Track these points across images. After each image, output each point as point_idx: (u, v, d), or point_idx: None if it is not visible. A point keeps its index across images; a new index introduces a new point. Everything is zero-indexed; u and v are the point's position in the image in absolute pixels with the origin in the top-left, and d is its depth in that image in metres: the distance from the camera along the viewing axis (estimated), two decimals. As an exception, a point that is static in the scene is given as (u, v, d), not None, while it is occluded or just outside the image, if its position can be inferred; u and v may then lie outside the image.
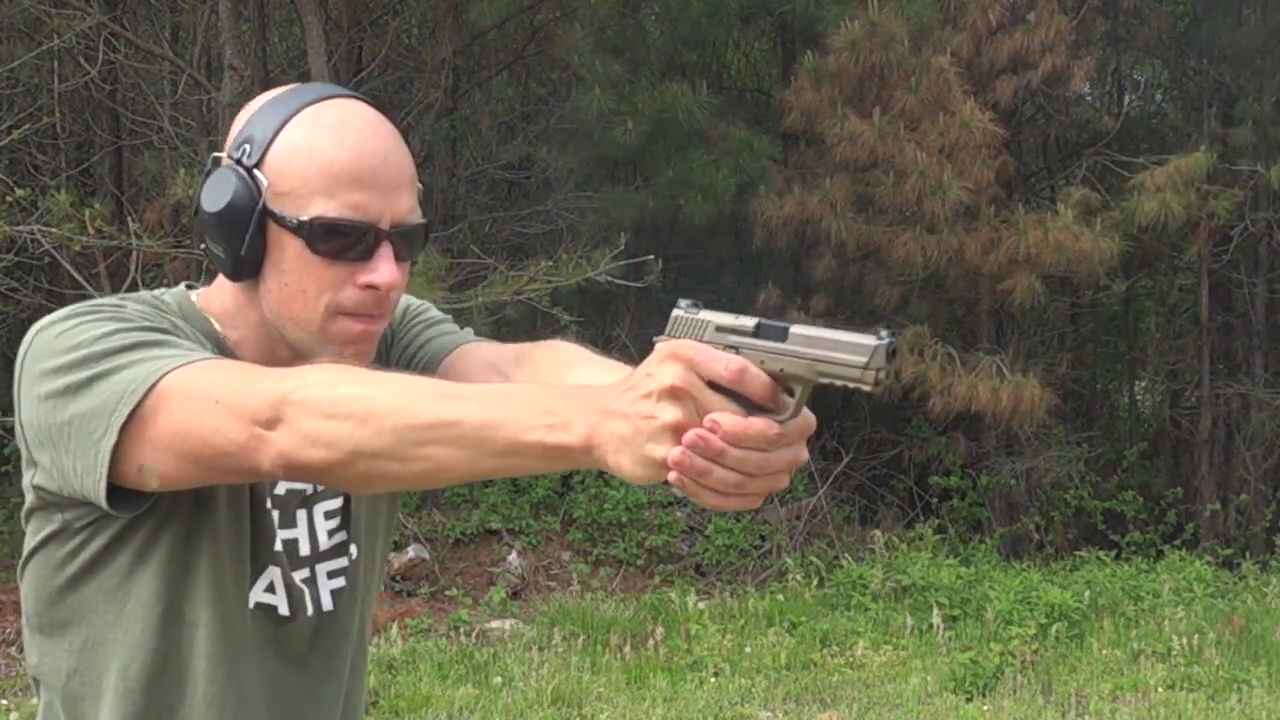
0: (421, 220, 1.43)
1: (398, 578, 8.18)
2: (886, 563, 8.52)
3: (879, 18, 8.77)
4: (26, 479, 1.38)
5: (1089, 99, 12.24)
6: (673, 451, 1.06)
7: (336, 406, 1.20)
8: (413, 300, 1.67)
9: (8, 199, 7.09)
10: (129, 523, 1.36)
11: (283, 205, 1.36)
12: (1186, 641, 7.08)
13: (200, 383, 1.27)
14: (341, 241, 1.36)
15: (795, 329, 1.10)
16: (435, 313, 1.67)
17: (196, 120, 9.23)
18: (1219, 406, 10.94)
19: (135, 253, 6.99)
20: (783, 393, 1.11)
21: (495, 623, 7.67)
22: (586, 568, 8.76)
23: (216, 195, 1.37)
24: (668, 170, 9.64)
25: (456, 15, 9.38)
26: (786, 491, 9.10)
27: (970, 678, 6.58)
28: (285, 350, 1.43)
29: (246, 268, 1.39)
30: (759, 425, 1.07)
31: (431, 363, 1.59)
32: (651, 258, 8.10)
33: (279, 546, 1.47)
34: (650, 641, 7.11)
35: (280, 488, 1.47)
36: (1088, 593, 7.99)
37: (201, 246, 1.45)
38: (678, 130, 9.48)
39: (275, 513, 1.47)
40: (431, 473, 1.19)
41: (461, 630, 7.50)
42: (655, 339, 1.17)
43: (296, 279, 1.38)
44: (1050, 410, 9.24)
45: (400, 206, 1.39)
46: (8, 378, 1.46)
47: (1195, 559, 9.02)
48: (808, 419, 1.11)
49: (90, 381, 1.28)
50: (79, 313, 1.35)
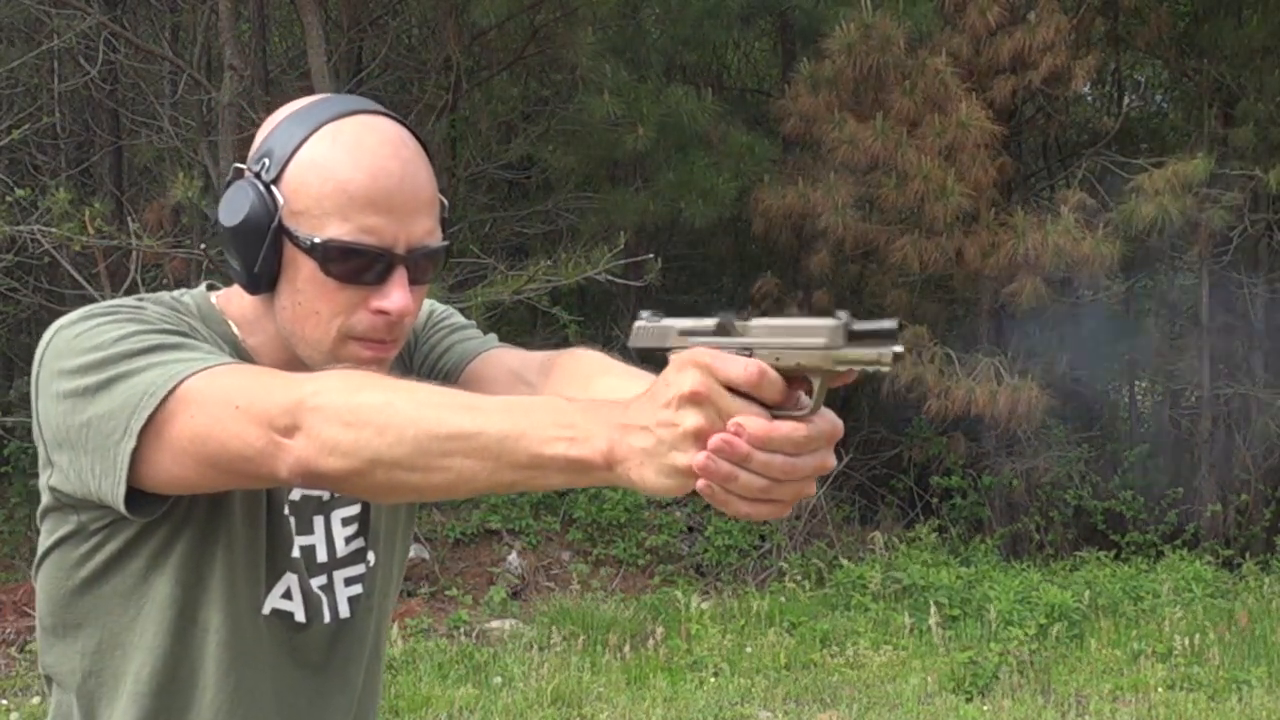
0: (441, 243, 1.40)
1: (398, 578, 8.18)
2: (886, 563, 8.52)
3: (874, 20, 8.76)
4: (43, 479, 1.37)
5: (1089, 99, 12.25)
6: (697, 457, 1.05)
7: (355, 414, 1.18)
8: (436, 306, 1.66)
9: (8, 199, 7.09)
10: (145, 526, 1.35)
11: (298, 224, 1.34)
12: (1187, 642, 7.08)
13: (220, 387, 1.26)
14: (355, 265, 1.34)
15: (755, 321, 1.09)
16: (459, 319, 1.65)
17: (196, 120, 9.23)
18: (1219, 406, 10.93)
19: (135, 252, 6.98)
20: (800, 392, 1.09)
21: (495, 623, 7.67)
22: (586, 568, 8.76)
23: (234, 209, 1.36)
24: (669, 173, 9.62)
25: (458, 15, 9.38)
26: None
27: (970, 678, 6.58)
28: (301, 363, 1.42)
29: (261, 283, 1.38)
30: (785, 427, 1.05)
31: (454, 370, 1.58)
32: (651, 257, 8.11)
33: (296, 553, 1.46)
34: (650, 641, 7.11)
35: (296, 493, 1.46)
36: (1088, 593, 7.98)
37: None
38: (680, 133, 9.47)
39: (292, 519, 1.46)
40: (451, 484, 1.17)
41: (461, 630, 7.51)
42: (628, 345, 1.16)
43: (309, 300, 1.36)
44: (1050, 410, 9.24)
45: (416, 230, 1.36)
46: (7, 378, 1.45)
47: (1195, 559, 9.02)
48: (834, 424, 1.09)
49: (109, 383, 1.28)
50: (98, 313, 1.33)
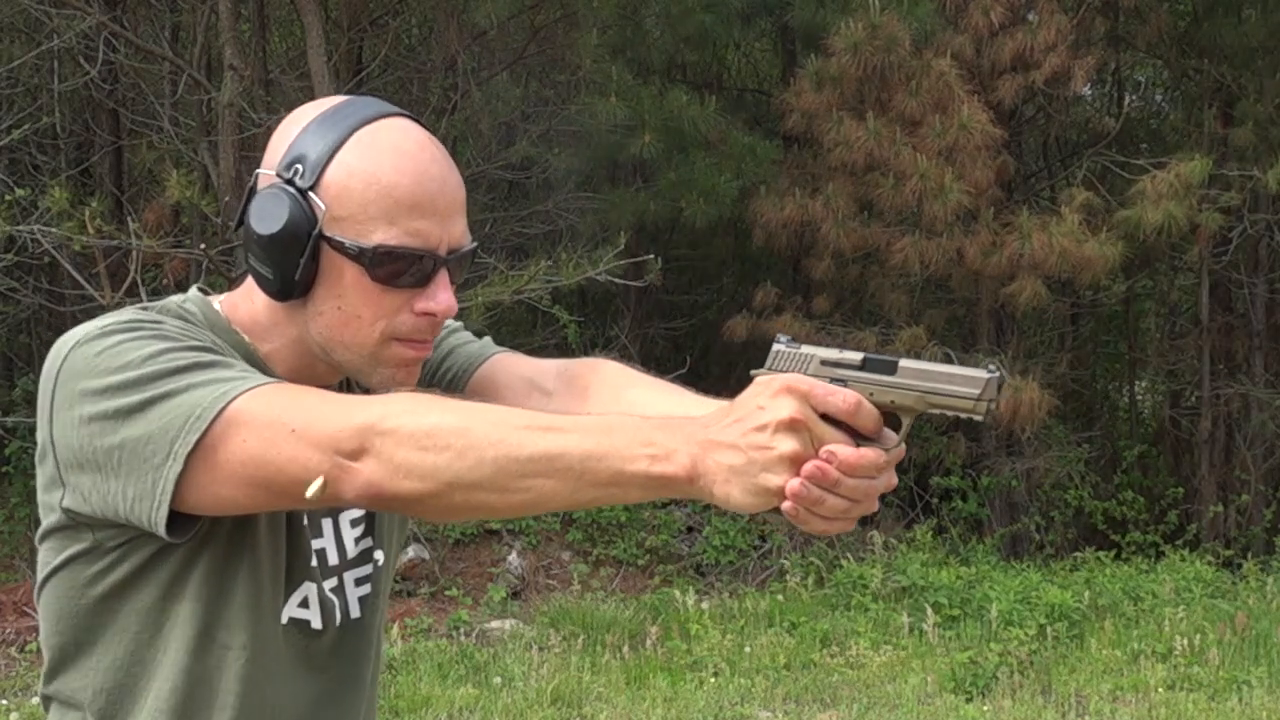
0: (473, 244, 1.41)
1: (398, 578, 8.18)
2: (886, 563, 8.52)
3: (880, 20, 8.76)
4: (50, 498, 1.33)
5: (1089, 99, 12.24)
6: (791, 482, 1.13)
7: (432, 438, 1.19)
8: None
9: (7, 199, 7.09)
10: (164, 544, 1.31)
11: (341, 231, 1.33)
12: (1187, 642, 7.07)
13: (272, 408, 1.24)
14: (402, 269, 1.34)
15: (904, 363, 1.20)
16: (450, 320, 1.65)
17: (196, 120, 9.22)
18: (1219, 406, 10.94)
19: (135, 252, 6.98)
20: (885, 425, 1.20)
21: (495, 623, 7.67)
22: (586, 568, 8.76)
23: (270, 218, 1.33)
24: (669, 173, 9.62)
25: (459, 15, 9.38)
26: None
27: (970, 678, 6.57)
28: (323, 367, 1.42)
29: (297, 290, 1.36)
30: (871, 455, 1.15)
31: (460, 375, 1.57)
32: (651, 257, 8.10)
33: (314, 561, 1.45)
34: (650, 641, 7.11)
35: None
36: (1088, 593, 7.98)
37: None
38: (681, 136, 9.47)
39: (307, 526, 1.45)
40: (530, 503, 1.20)
41: (461, 630, 7.51)
42: (753, 373, 1.24)
43: (353, 304, 1.35)
44: (1050, 410, 9.24)
45: (455, 231, 1.37)
46: (7, 378, 1.44)
47: (1196, 559, 9.01)
48: (901, 448, 1.19)
49: (145, 405, 1.24)
50: (117, 329, 1.29)
